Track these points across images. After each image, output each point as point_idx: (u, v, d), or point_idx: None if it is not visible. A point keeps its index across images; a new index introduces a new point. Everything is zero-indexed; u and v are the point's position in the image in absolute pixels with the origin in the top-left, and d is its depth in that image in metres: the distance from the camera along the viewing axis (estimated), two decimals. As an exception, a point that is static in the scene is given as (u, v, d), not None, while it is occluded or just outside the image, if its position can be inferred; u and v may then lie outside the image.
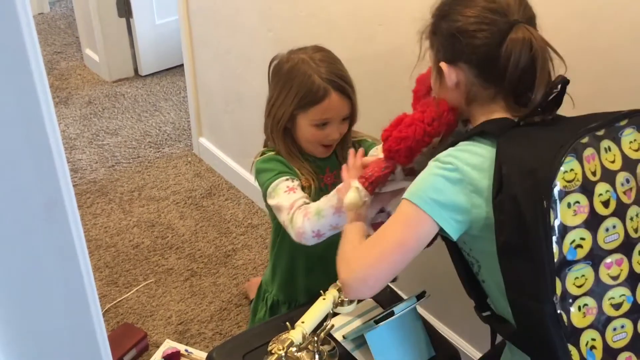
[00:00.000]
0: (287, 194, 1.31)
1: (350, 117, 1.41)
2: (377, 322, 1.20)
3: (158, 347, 1.92)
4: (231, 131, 2.55)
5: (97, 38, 3.23)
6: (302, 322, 1.12)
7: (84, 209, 2.46)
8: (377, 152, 1.30)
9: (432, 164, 1.01)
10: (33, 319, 0.43)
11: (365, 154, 1.48)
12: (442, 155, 1.00)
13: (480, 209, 0.97)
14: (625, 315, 0.94)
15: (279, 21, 2.02)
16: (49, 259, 0.39)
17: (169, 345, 1.92)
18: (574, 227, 0.90)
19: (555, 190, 0.88)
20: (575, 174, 0.89)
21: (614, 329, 0.94)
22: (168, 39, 3.26)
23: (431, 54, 1.08)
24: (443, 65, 1.03)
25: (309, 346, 1.19)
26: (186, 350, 1.90)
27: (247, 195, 2.54)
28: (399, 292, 1.57)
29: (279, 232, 1.49)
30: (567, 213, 0.89)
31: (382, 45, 1.70)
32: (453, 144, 1.02)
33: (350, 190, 1.16)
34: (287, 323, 1.14)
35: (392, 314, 1.21)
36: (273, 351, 1.10)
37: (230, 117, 2.50)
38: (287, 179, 1.34)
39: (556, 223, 0.88)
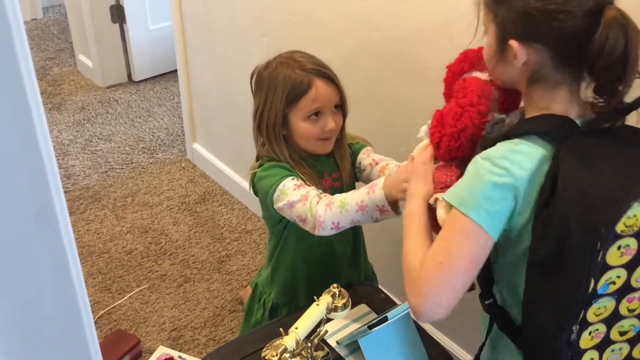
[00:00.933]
0: (296, 190, 1.30)
1: (342, 108, 1.39)
2: (370, 327, 1.20)
3: (151, 353, 1.91)
4: (225, 137, 2.54)
5: (91, 44, 3.22)
6: (296, 328, 1.12)
7: (76, 215, 2.45)
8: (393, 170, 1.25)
9: (482, 163, 0.94)
10: (24, 326, 0.43)
11: (355, 155, 1.49)
12: (494, 155, 0.93)
13: (523, 215, 0.93)
14: (627, 340, 0.96)
15: (273, 26, 2.02)
16: (40, 266, 0.39)
17: (162, 351, 1.91)
18: (615, 267, 0.88)
19: (612, 233, 0.85)
20: (637, 219, 0.86)
21: (612, 350, 0.95)
22: (161, 44, 3.26)
23: (491, 26, 0.99)
24: (513, 43, 0.94)
25: (303, 352, 1.19)
26: (180, 357, 1.89)
27: (240, 200, 2.54)
28: (393, 298, 1.57)
29: (280, 237, 1.48)
30: (614, 254, 0.87)
31: (376, 51, 1.70)
32: (506, 136, 0.95)
33: (439, 206, 1.04)
34: (281, 329, 1.14)
35: (385, 319, 1.21)
36: (267, 357, 1.09)
37: (224, 122, 2.50)
38: (293, 179, 1.33)
39: (601, 261, 0.87)
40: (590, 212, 0.85)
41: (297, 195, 1.29)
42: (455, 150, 1.07)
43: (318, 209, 1.26)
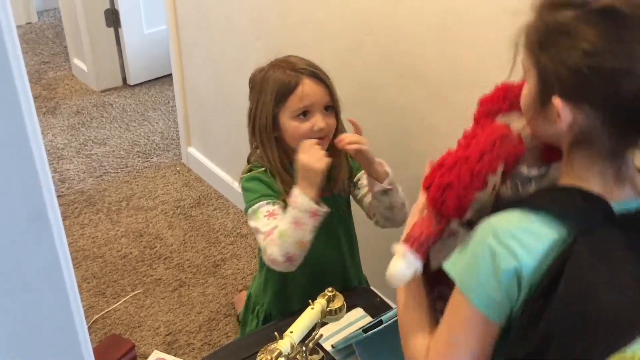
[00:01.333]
0: (266, 219, 1.31)
1: (335, 110, 1.38)
2: (365, 331, 1.20)
3: (146, 358, 1.90)
4: (220, 140, 2.54)
5: (85, 48, 3.22)
6: (291, 332, 1.12)
7: (71, 219, 2.45)
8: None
9: (488, 238, 0.82)
10: (15, 331, 0.43)
11: (354, 168, 1.48)
12: (503, 231, 0.81)
13: (519, 303, 0.83)
14: None
15: (269, 29, 2.02)
16: (32, 272, 0.39)
17: (157, 356, 1.91)
18: None
19: None
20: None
21: None
22: (157, 48, 3.26)
23: (532, 71, 0.83)
24: (557, 101, 0.79)
25: (298, 356, 1.19)
26: (174, 361, 1.89)
27: (236, 204, 2.54)
28: (388, 301, 1.57)
29: None
30: None
31: (372, 54, 1.71)
32: (518, 203, 0.82)
33: (394, 257, 0.93)
34: (276, 333, 1.14)
35: (380, 322, 1.21)
36: (261, 361, 1.09)
37: (220, 126, 2.49)
38: (268, 203, 1.33)
39: None
40: (583, 336, 0.74)
41: (263, 227, 1.30)
42: (439, 204, 0.90)
43: (267, 248, 1.28)
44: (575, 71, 0.76)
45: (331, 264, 1.50)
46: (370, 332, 1.20)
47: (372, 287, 1.67)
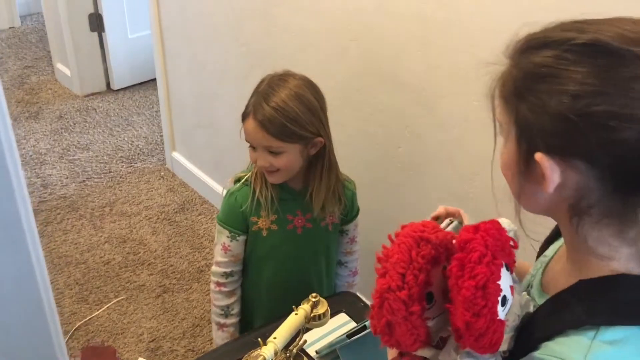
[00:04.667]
0: (222, 251, 1.45)
1: (318, 150, 1.36)
2: (349, 336, 1.20)
3: (129, 365, 1.89)
4: (204, 145, 2.53)
5: (69, 52, 3.19)
6: (274, 338, 1.11)
7: (53, 225, 2.42)
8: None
9: None
10: (-10, 341, 0.42)
11: (348, 201, 1.47)
12: None
13: None
14: None
15: (252, 35, 2.02)
16: (6, 281, 0.38)
17: (140, 363, 1.89)
18: None
19: None
20: None
21: None
22: (141, 53, 3.24)
23: (511, 128, 0.70)
24: (541, 158, 0.65)
25: (282, 362, 1.18)
26: (158, 368, 1.87)
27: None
28: (372, 306, 1.57)
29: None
30: None
31: (354, 60, 1.71)
32: (572, 322, 0.67)
33: None
34: (260, 339, 1.13)
35: (364, 328, 1.21)
36: (245, 368, 1.09)
37: (204, 131, 2.49)
38: (228, 237, 1.43)
39: None
40: None
41: (217, 254, 1.47)
42: (394, 346, 0.78)
43: (212, 291, 1.51)
44: (561, 119, 0.63)
45: (305, 279, 1.51)
46: (354, 338, 1.20)
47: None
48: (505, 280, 0.71)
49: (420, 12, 1.49)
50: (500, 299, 0.69)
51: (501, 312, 0.70)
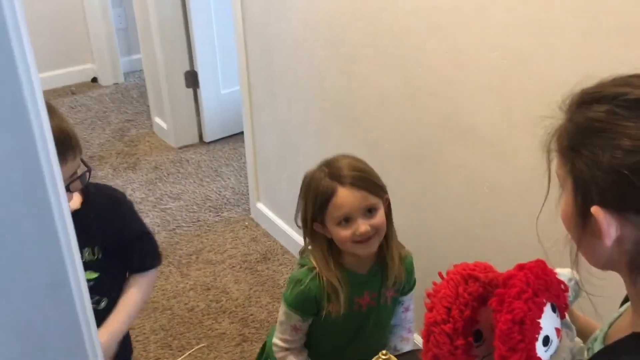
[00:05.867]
0: (292, 331, 1.45)
1: (386, 210, 1.38)
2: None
3: (207, 413, 1.92)
4: (287, 197, 2.59)
5: (166, 107, 3.40)
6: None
7: (144, 271, 2.54)
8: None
9: None
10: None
11: (408, 272, 1.48)
12: None
13: None
14: None
15: (333, 93, 2.08)
16: (55, 341, 0.41)
17: (217, 411, 1.92)
18: None
19: None
20: None
21: None
22: (231, 107, 3.39)
23: (568, 180, 0.71)
24: (597, 211, 0.67)
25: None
26: (234, 418, 1.89)
27: (301, 260, 2.56)
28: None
29: None
30: None
31: (431, 113, 1.71)
32: None
33: None
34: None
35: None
36: None
37: (286, 183, 2.55)
38: (300, 319, 1.44)
39: None
40: None
41: (283, 332, 1.46)
42: None
43: (275, 350, 1.47)
44: (615, 174, 0.64)
45: (362, 347, 1.50)
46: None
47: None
48: (548, 321, 0.71)
49: (499, 65, 1.48)
50: (541, 337, 0.69)
51: (542, 352, 0.69)
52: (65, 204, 0.46)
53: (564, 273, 0.80)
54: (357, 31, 1.87)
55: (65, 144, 1.17)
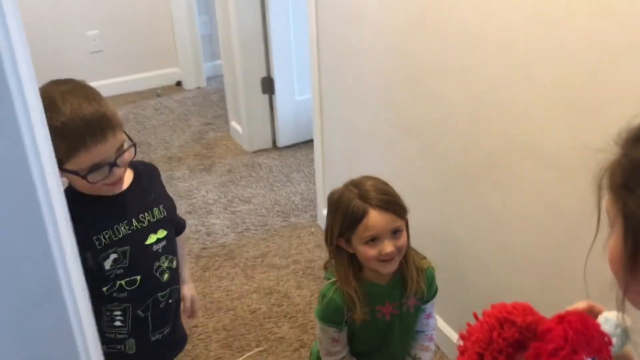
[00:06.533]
0: (332, 342, 1.55)
1: (406, 229, 1.48)
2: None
3: (260, 415, 1.95)
4: (353, 206, 2.60)
5: (242, 111, 3.49)
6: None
7: (211, 271, 2.62)
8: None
9: None
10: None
11: (429, 280, 1.56)
12: None
13: None
14: None
15: (400, 104, 2.07)
16: (49, 351, 0.44)
17: (270, 414, 1.95)
18: None
19: None
20: None
21: None
22: (305, 113, 3.43)
23: (618, 219, 0.67)
24: None
25: None
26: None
27: (364, 270, 2.56)
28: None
29: None
30: None
31: (496, 130, 1.68)
32: None
33: None
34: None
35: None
36: None
37: (353, 192, 2.56)
38: (335, 331, 1.53)
39: None
40: None
41: (327, 345, 1.55)
42: None
43: None
44: None
45: (387, 353, 1.63)
46: None
47: None
48: None
49: (568, 85, 1.43)
50: None
51: None
52: (60, 215, 0.49)
53: (610, 318, 0.75)
54: (425, 44, 1.86)
55: (102, 123, 1.26)
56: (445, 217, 1.98)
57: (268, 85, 3.43)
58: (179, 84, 4.43)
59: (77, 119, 1.23)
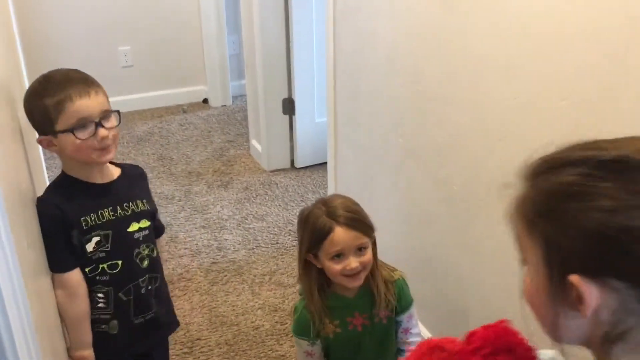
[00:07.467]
0: (307, 357, 1.62)
1: (372, 247, 1.53)
2: None
3: None
4: (362, 228, 2.61)
5: (262, 131, 3.55)
6: None
7: (219, 285, 2.65)
8: None
9: None
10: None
11: (399, 293, 1.60)
12: None
13: None
14: None
15: (408, 128, 2.09)
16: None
17: None
18: None
19: None
20: None
21: None
22: (324, 136, 3.46)
23: (534, 251, 0.68)
24: (577, 280, 0.63)
25: None
26: None
27: (370, 293, 2.55)
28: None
29: None
30: None
31: (503, 158, 1.68)
32: None
33: None
34: None
35: None
36: None
37: (362, 214, 2.57)
38: (309, 344, 1.60)
39: None
40: None
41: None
42: None
43: None
44: (598, 237, 0.61)
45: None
46: None
47: None
48: None
49: (568, 114, 1.43)
50: None
51: None
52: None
53: (546, 353, 0.76)
54: (434, 69, 1.88)
55: (87, 81, 1.43)
56: (448, 241, 1.98)
57: (289, 106, 3.49)
58: (205, 101, 4.53)
59: (63, 78, 1.42)
